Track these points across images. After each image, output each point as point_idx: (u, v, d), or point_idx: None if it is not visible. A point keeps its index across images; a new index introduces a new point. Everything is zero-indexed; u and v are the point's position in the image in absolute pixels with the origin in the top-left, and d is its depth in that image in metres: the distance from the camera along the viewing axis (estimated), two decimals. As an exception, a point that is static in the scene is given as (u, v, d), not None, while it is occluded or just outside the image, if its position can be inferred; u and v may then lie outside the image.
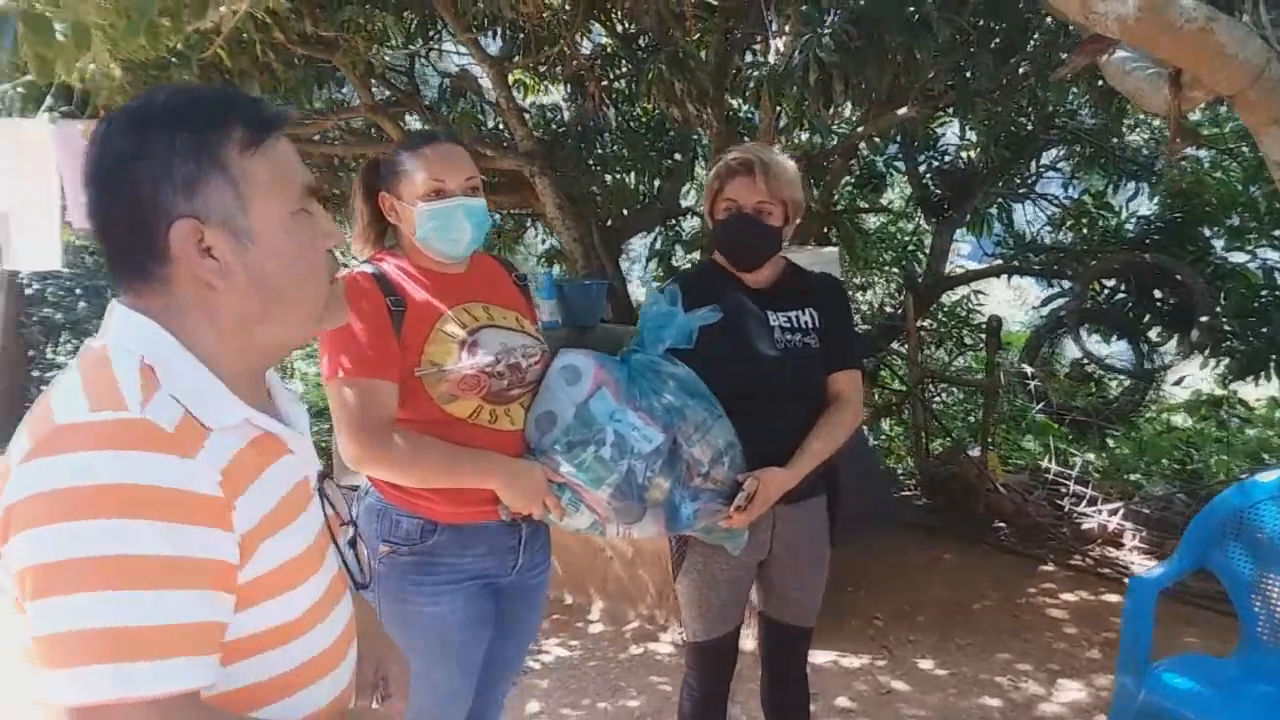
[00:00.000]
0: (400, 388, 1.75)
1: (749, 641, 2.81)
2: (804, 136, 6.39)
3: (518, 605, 1.98)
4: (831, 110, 4.03)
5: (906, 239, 7.76)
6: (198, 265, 0.93)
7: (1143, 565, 4.30)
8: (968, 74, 4.40)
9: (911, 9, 3.69)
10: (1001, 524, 4.81)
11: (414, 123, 6.26)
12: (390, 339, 1.74)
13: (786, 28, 4.11)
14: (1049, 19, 4.26)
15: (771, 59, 4.00)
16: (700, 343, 2.06)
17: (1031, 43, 4.63)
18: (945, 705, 3.16)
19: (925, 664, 3.46)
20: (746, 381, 2.07)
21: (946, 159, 6.88)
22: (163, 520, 0.83)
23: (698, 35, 5.10)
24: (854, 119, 6.01)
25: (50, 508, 0.81)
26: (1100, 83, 4.26)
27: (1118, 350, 6.36)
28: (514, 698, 3.28)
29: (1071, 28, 4.13)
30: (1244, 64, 2.50)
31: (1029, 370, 5.79)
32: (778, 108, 4.29)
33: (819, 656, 3.51)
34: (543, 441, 1.88)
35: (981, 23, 4.51)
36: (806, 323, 2.16)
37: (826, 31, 3.58)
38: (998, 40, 4.57)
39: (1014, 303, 11.67)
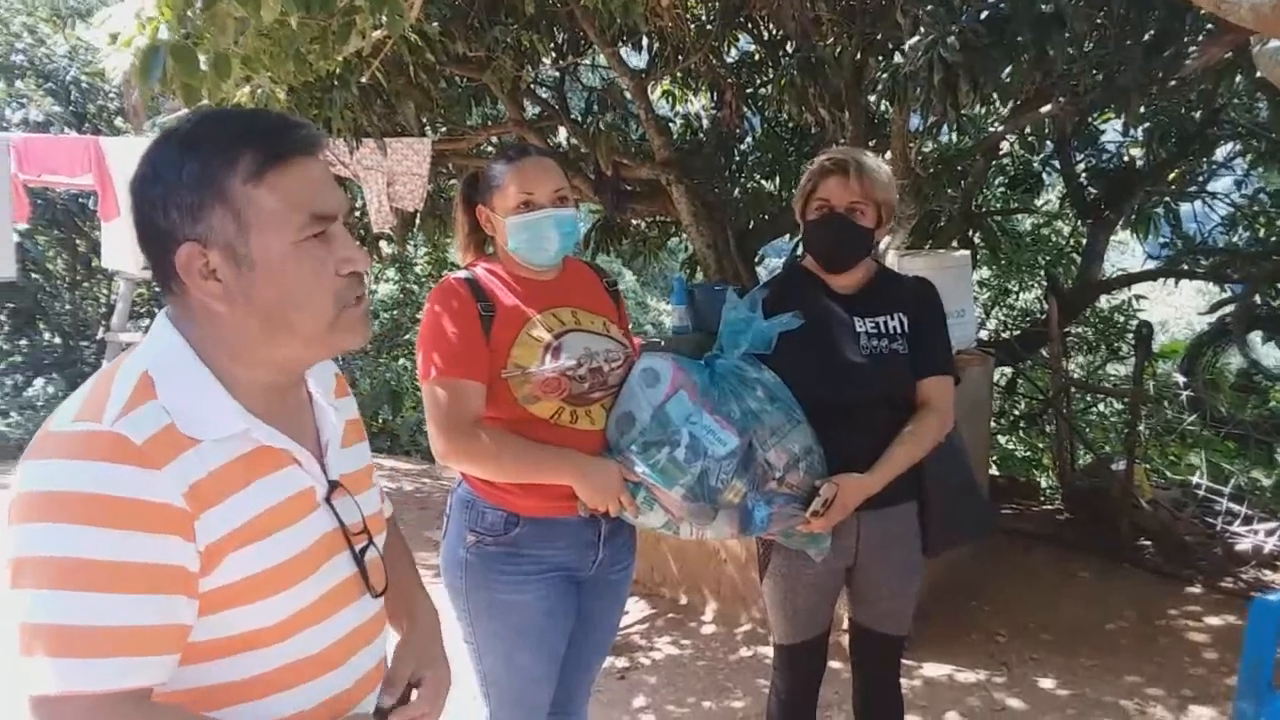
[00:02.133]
0: (488, 388, 1.89)
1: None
2: (946, 138, 6.25)
3: (599, 600, 2.08)
4: (962, 110, 3.94)
5: (1063, 241, 7.41)
6: (201, 287, 0.99)
7: (1302, 591, 3.99)
8: (1116, 69, 4.20)
9: (1045, 5, 3.58)
10: (1147, 542, 4.55)
11: (562, 136, 6.50)
12: (479, 342, 1.88)
13: (920, 29, 4.05)
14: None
15: (900, 60, 3.96)
16: (786, 349, 2.11)
17: (1197, 33, 4.37)
18: (1060, 725, 3.06)
19: (1046, 683, 3.35)
20: (831, 389, 2.09)
21: (1105, 157, 6.54)
22: (112, 527, 0.90)
23: (833, 39, 5.08)
24: (1003, 117, 5.82)
25: (20, 508, 0.91)
26: (1259, 74, 3.98)
27: (1293, 360, 5.88)
28: (622, 691, 3.40)
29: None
30: (1395, 53, 2.33)
31: (1181, 380, 5.43)
32: (909, 109, 4.24)
33: (933, 670, 3.46)
34: (621, 441, 1.97)
35: (1130, 15, 4.30)
36: (895, 328, 2.16)
37: (952, 31, 3.52)
38: (1149, 33, 4.34)
39: (1193, 308, 10.91)
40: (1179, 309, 11.51)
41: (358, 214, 6.52)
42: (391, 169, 4.84)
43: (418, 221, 5.88)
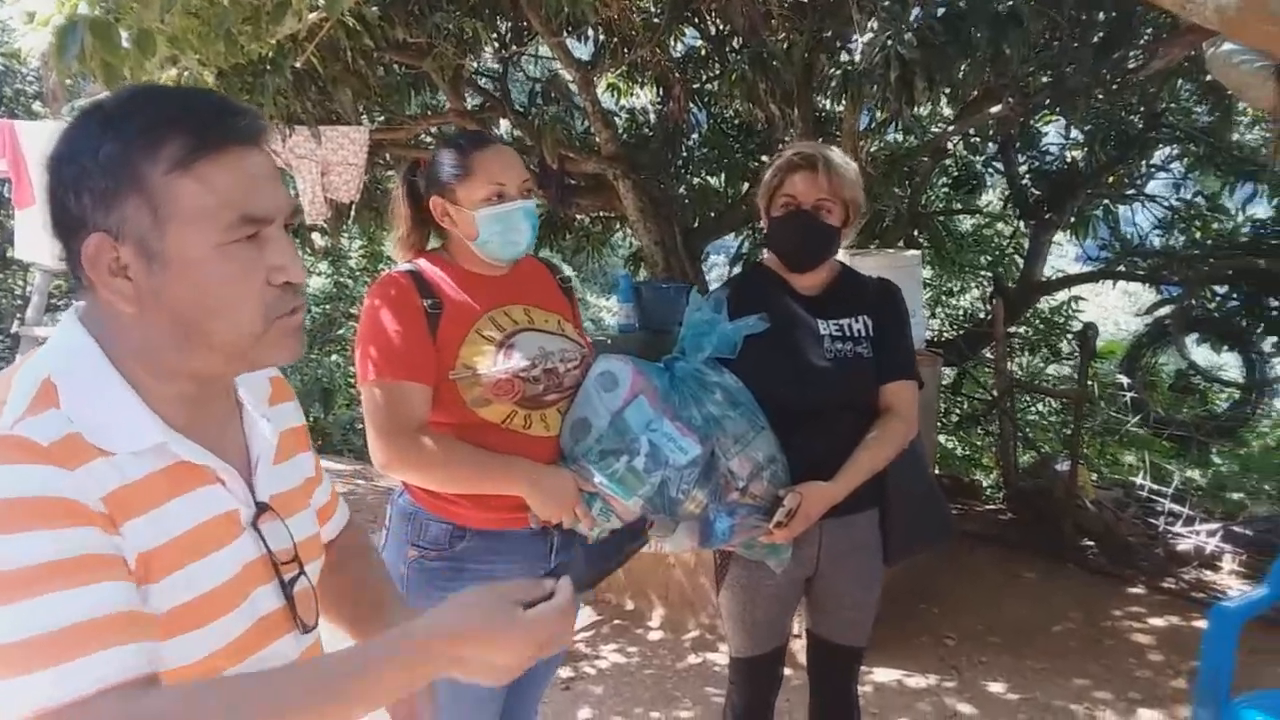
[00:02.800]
0: (435, 391, 1.76)
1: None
2: (892, 137, 6.25)
3: (550, 614, 1.96)
4: (915, 108, 3.91)
5: (1004, 242, 7.48)
6: (108, 284, 0.88)
7: (1240, 590, 4.03)
8: (1065, 70, 4.21)
9: (1001, 3, 3.55)
10: (1090, 542, 4.58)
11: (504, 127, 6.35)
12: (425, 341, 1.75)
13: (872, 25, 4.01)
14: (1159, 12, 4.04)
15: (856, 57, 3.91)
16: (746, 352, 2.02)
17: (1141, 36, 4.40)
18: (1012, 731, 3.03)
19: (995, 687, 3.32)
20: (794, 393, 2.01)
21: (1048, 159, 6.61)
22: (32, 529, 0.79)
23: (784, 35, 5.03)
24: (949, 117, 5.84)
25: None
26: (1208, 77, 4.02)
27: (1228, 361, 6.00)
28: (566, 703, 3.29)
29: (1179, 21, 3.91)
30: (1352, 57, 2.33)
31: (1124, 381, 5.50)
32: (862, 107, 4.20)
33: (883, 675, 3.42)
34: (576, 449, 1.86)
35: (1083, 16, 4.31)
36: (859, 331, 2.08)
37: (909, 27, 3.48)
38: (1100, 34, 4.36)
39: (1126, 309, 11.17)
40: (1106, 310, 11.76)
41: (290, 205, 6.30)
42: (326, 158, 4.65)
43: (352, 213, 5.68)
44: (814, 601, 2.19)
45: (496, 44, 5.75)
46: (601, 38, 5.62)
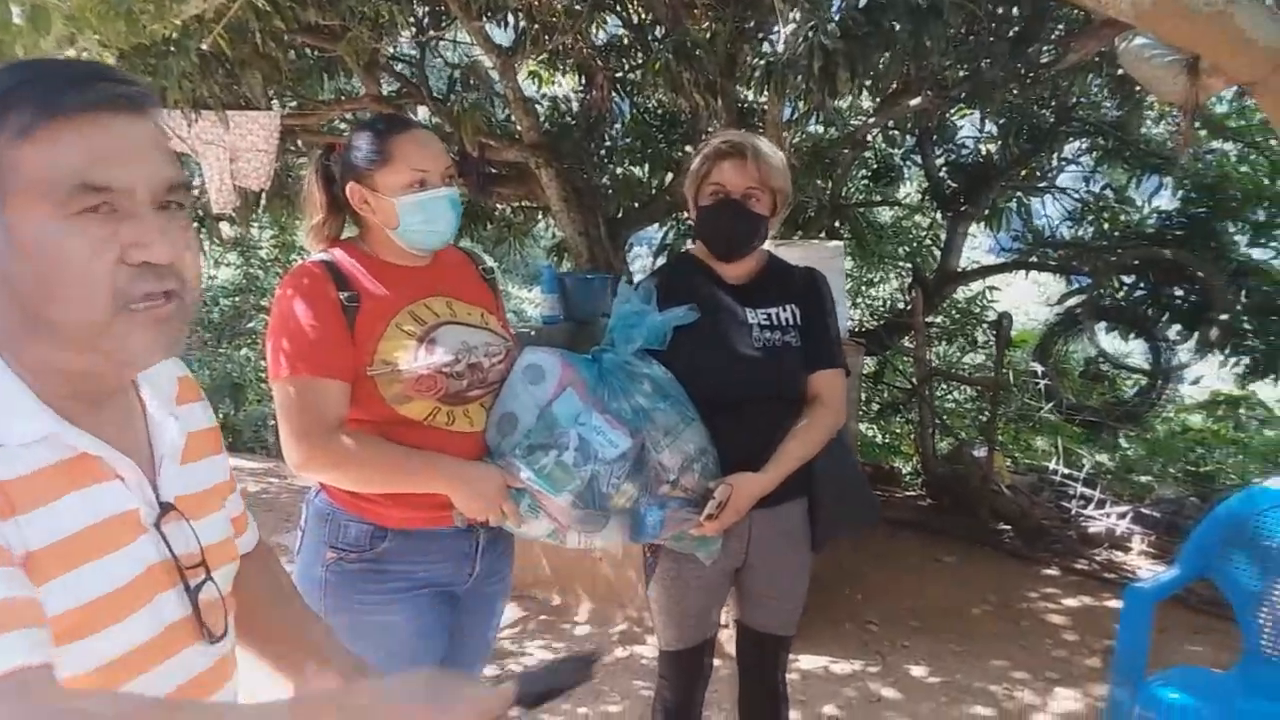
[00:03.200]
0: (353, 387, 1.68)
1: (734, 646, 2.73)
2: (815, 129, 6.30)
3: (473, 615, 1.91)
4: (838, 100, 3.93)
5: (921, 233, 7.63)
6: None
7: (1150, 570, 4.18)
8: (982, 63, 4.28)
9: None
10: (1006, 526, 4.70)
11: (422, 114, 6.21)
12: (341, 335, 1.67)
13: (794, 15, 4.01)
14: (1070, 7, 4.13)
15: (779, 47, 3.91)
16: (675, 342, 1.99)
17: (1053, 31, 4.50)
18: (935, 714, 3.08)
19: (917, 670, 3.38)
20: (723, 383, 1.99)
21: (963, 151, 6.75)
22: None
23: (707, 24, 5.01)
24: (869, 110, 5.91)
25: None
26: (1119, 71, 4.13)
27: (1136, 349, 6.22)
28: (495, 699, 3.23)
29: (1092, 15, 4.00)
30: (1265, 50, 2.39)
31: (1038, 368, 5.66)
32: (785, 98, 4.21)
33: (809, 662, 3.44)
34: (503, 445, 1.80)
35: (998, 10, 4.39)
36: (787, 320, 2.07)
37: (832, 18, 3.49)
38: (1015, 29, 4.45)
39: (1035, 299, 11.49)
40: (1018, 300, 12.11)
41: (196, 192, 6.06)
42: (234, 144, 4.47)
43: (263, 201, 5.49)
44: (742, 592, 2.18)
45: (413, 28, 5.61)
46: (522, 24, 5.54)
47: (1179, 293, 5.54)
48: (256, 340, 9.81)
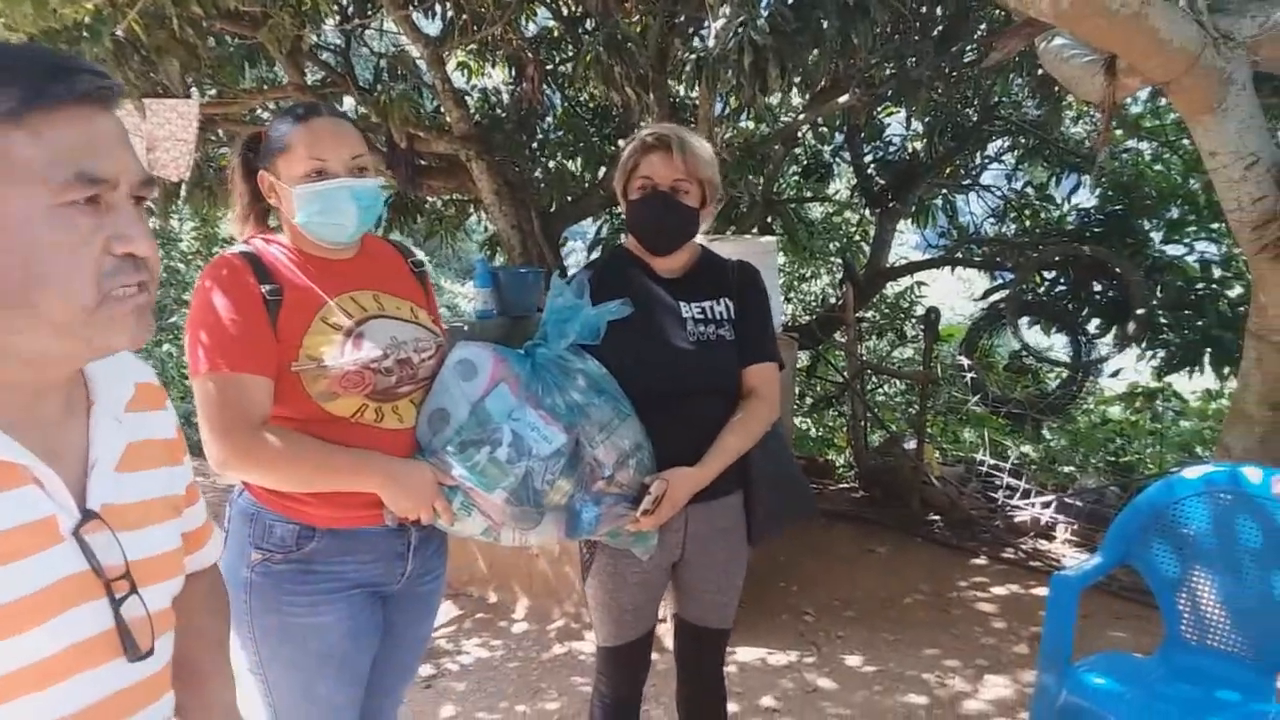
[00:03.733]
0: (276, 383, 1.62)
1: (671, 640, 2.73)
2: (747, 124, 6.34)
3: (406, 614, 1.86)
4: (769, 96, 3.95)
5: (851, 229, 7.73)
6: None
7: (1074, 558, 4.30)
8: (908, 62, 4.34)
9: (849, -7, 3.62)
10: (936, 517, 4.79)
11: (348, 104, 6.08)
12: (264, 330, 1.61)
13: (725, 10, 4.02)
14: (993, 7, 4.21)
15: (710, 42, 3.91)
16: (609, 336, 1.97)
17: (976, 31, 4.59)
18: (869, 703, 3.11)
19: (852, 660, 3.41)
20: (658, 377, 1.97)
21: (891, 149, 6.85)
22: None
23: (637, 18, 5.00)
24: (799, 107, 5.96)
25: None
26: (1040, 71, 4.23)
27: (1058, 343, 6.39)
28: (428, 701, 3.18)
29: (1014, 15, 4.08)
30: (1179, 50, 2.46)
31: (965, 362, 5.78)
32: (716, 93, 4.21)
33: (746, 654, 3.46)
34: (434, 441, 1.76)
35: (923, 9, 4.46)
36: (721, 313, 2.07)
37: (761, 14, 3.50)
38: (940, 28, 4.52)
39: (961, 294, 11.74)
40: (944, 295, 12.37)
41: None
42: (152, 133, 4.29)
43: (183, 192, 5.31)
44: (680, 586, 2.17)
45: (339, 16, 5.49)
46: (450, 14, 5.45)
47: (1099, 288, 5.70)
48: (178, 336, 9.51)
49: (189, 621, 1.10)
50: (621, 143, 6.38)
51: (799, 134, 6.08)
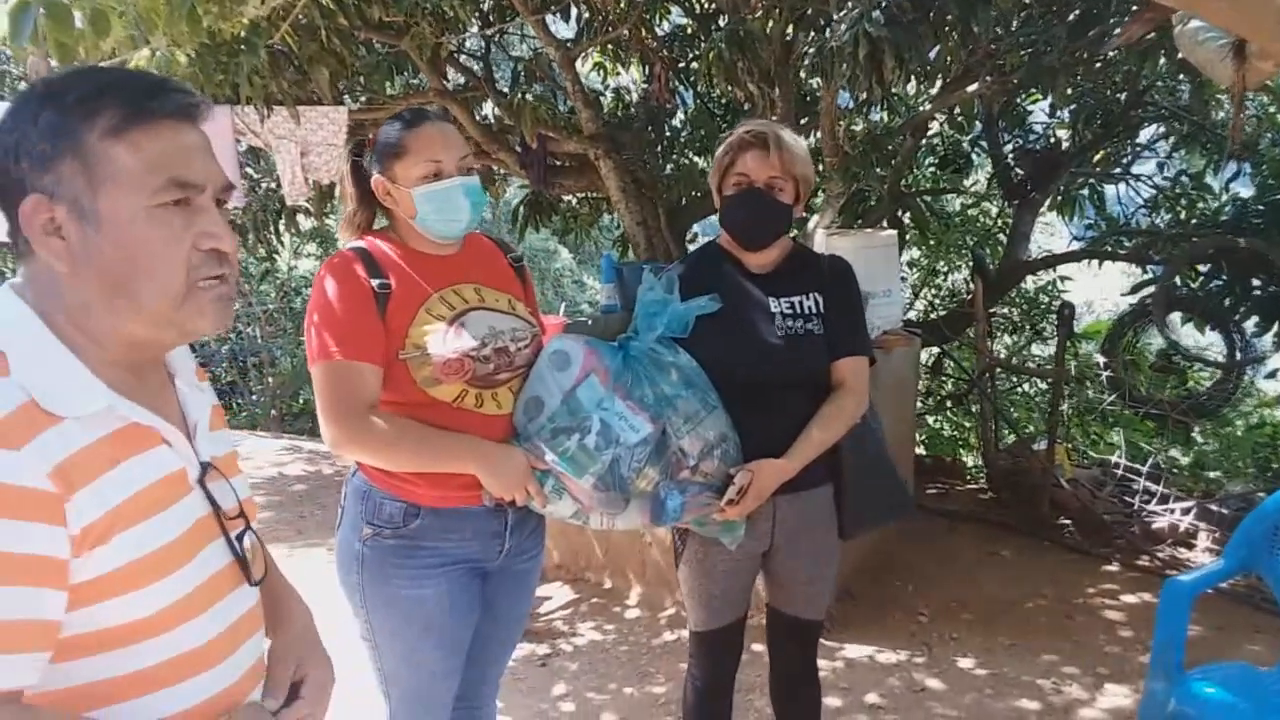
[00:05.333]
0: (385, 370, 1.77)
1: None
2: (880, 116, 6.24)
3: (506, 590, 1.99)
4: (887, 87, 3.90)
5: (990, 222, 7.48)
6: (43, 243, 0.93)
7: (1214, 568, 4.06)
8: (1041, 48, 4.20)
9: (971, -18, 3.54)
10: (1067, 520, 4.61)
11: (488, 108, 6.33)
12: (374, 321, 1.76)
13: (849, 3, 3.99)
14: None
15: (830, 36, 3.90)
16: (699, 330, 2.04)
17: (1115, 15, 4.38)
18: (978, 705, 3.06)
19: (965, 662, 3.35)
20: (747, 371, 2.03)
21: (1033, 138, 6.60)
22: None
23: (761, 13, 5.01)
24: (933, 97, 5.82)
25: None
26: (1180, 55, 4.01)
27: (1212, 341, 6.01)
28: (542, 679, 3.33)
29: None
30: (1311, 33, 2.32)
31: (1101, 360, 5.51)
32: (837, 86, 4.19)
33: (855, 651, 3.45)
34: (529, 427, 1.88)
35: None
36: (810, 308, 2.10)
37: (878, 5, 3.47)
38: (1075, 12, 4.34)
39: (1114, 288, 11.14)
40: (1105, 290, 11.74)
41: (274, 186, 6.29)
42: (305, 139, 4.63)
43: (337, 193, 5.66)
44: (771, 576, 2.21)
45: (479, 22, 5.73)
46: (584, 16, 5.61)
47: (1257, 283, 5.33)
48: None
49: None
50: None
51: (930, 124, 5.94)
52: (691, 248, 6.80)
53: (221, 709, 1.04)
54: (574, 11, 5.56)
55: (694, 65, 6.10)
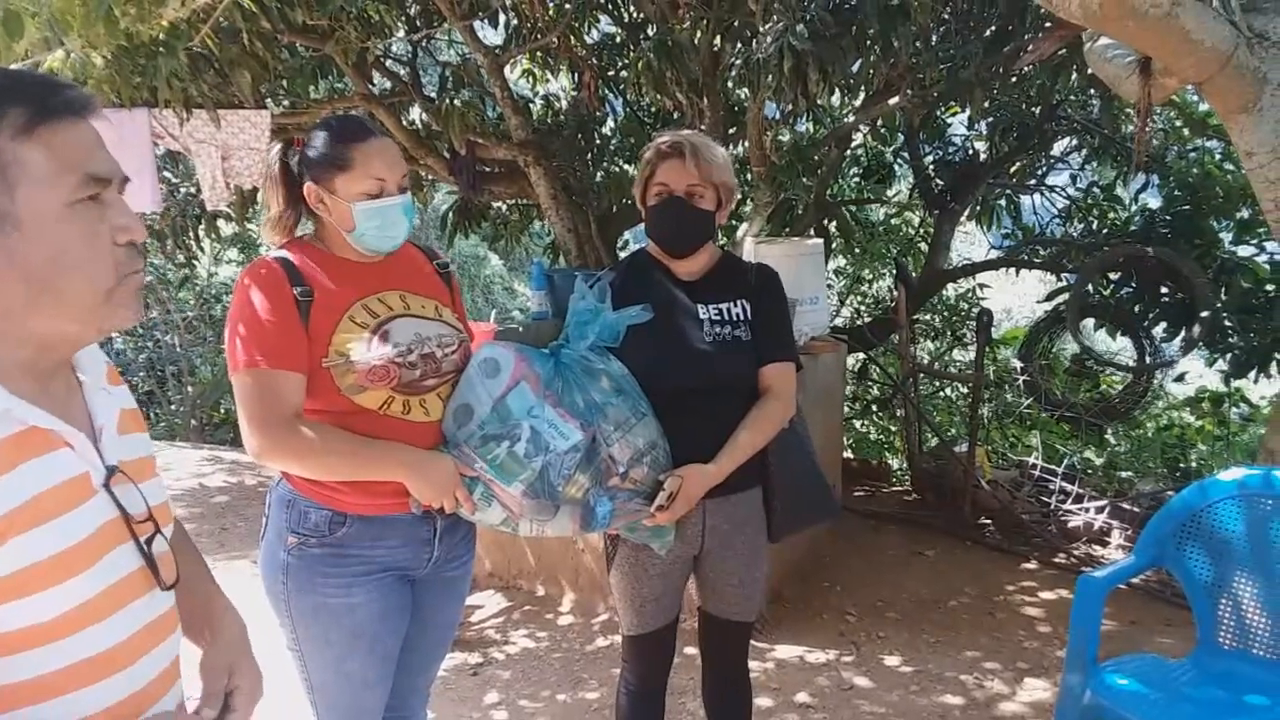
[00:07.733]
0: (309, 379, 1.75)
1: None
2: (806, 127, 6.35)
3: (435, 597, 1.98)
4: (811, 99, 3.98)
5: (912, 231, 7.67)
6: None
7: (1126, 565, 4.22)
8: (959, 63, 4.33)
9: (892, -4, 3.64)
10: (988, 520, 4.75)
11: (415, 113, 6.28)
12: (296, 329, 1.73)
13: (775, 16, 4.06)
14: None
15: (757, 48, 3.96)
16: (629, 337, 2.05)
17: (1030, 32, 4.54)
18: (904, 702, 3.13)
19: (891, 660, 3.43)
20: (675, 376, 2.05)
21: (952, 150, 6.79)
22: None
23: (688, 24, 5.07)
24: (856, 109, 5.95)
25: None
26: (1090, 71, 4.17)
27: (1124, 346, 6.25)
28: (474, 688, 3.30)
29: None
30: (1211, 50, 2.44)
31: (1019, 365, 5.70)
32: (763, 97, 4.26)
33: (785, 652, 3.50)
34: (458, 434, 1.87)
35: (973, 10, 4.44)
36: (738, 314, 2.13)
37: (803, 19, 3.54)
38: (992, 28, 4.49)
39: (1035, 297, 11.51)
40: (1023, 297, 12.11)
41: (193, 191, 6.14)
42: (226, 143, 4.54)
43: (260, 198, 5.55)
44: (702, 579, 2.23)
45: (406, 28, 5.68)
46: (514, 23, 5.60)
47: (1165, 291, 5.56)
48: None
49: (183, 562, 1.23)
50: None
51: (854, 136, 6.07)
52: (622, 255, 6.86)
53: (129, 714, 1.03)
54: (502, 18, 5.55)
55: (623, 74, 6.13)
